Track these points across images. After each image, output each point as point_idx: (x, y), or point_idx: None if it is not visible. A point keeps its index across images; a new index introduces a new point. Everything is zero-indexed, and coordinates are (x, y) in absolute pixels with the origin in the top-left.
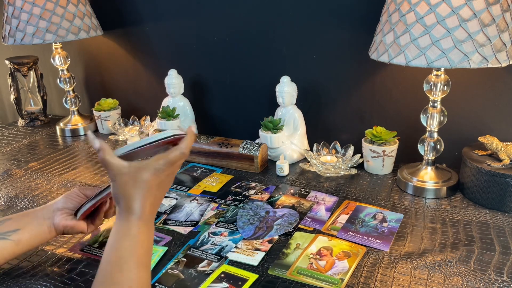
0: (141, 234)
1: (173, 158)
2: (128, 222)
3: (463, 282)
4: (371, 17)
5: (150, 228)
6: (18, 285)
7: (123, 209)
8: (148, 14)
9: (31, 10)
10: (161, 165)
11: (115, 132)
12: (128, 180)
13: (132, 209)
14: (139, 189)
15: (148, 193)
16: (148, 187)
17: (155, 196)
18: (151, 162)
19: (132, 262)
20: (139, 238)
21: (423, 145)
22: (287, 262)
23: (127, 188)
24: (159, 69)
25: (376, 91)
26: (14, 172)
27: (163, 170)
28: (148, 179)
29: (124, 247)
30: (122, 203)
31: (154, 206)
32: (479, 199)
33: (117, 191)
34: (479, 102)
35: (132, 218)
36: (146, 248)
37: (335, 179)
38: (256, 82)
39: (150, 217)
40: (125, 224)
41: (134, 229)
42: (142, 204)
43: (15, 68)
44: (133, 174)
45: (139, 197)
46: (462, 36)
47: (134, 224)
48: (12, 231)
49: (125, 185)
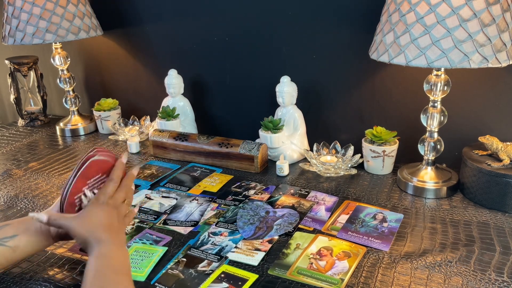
0: (114, 254)
1: (109, 190)
2: (99, 249)
3: (463, 282)
4: (371, 17)
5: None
6: (18, 285)
7: (91, 245)
8: (148, 14)
9: (31, 10)
10: (103, 200)
11: (115, 132)
12: (84, 221)
13: (99, 239)
14: (97, 223)
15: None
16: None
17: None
18: (94, 203)
19: (110, 272)
20: (113, 256)
21: (423, 145)
22: (287, 262)
23: (87, 228)
24: (159, 69)
25: (376, 91)
26: (14, 172)
27: (107, 204)
28: (99, 213)
29: (99, 264)
30: (89, 241)
31: (118, 233)
32: (479, 199)
33: (80, 236)
34: (479, 102)
35: (103, 245)
36: (121, 262)
37: (335, 179)
38: (256, 82)
39: (119, 243)
40: (97, 251)
41: (106, 251)
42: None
43: (15, 68)
44: (85, 216)
45: (100, 229)
46: (462, 36)
47: (105, 247)
48: (9, 237)
49: (84, 228)
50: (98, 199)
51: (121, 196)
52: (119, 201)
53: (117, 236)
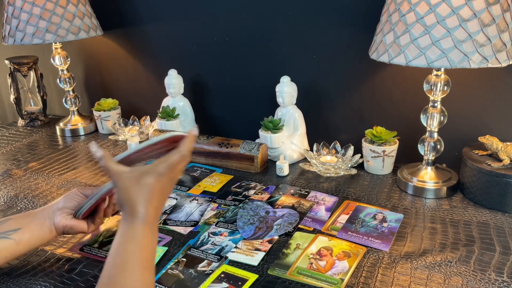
0: (146, 238)
1: (173, 161)
2: (133, 226)
3: (463, 282)
4: (371, 17)
5: (154, 232)
6: (18, 285)
7: (127, 214)
8: (148, 14)
9: (31, 10)
10: (163, 168)
11: (115, 132)
12: (131, 184)
13: (136, 213)
14: (142, 193)
15: (152, 197)
16: (151, 191)
17: (158, 200)
18: (153, 166)
19: (136, 265)
20: (144, 242)
21: (423, 145)
22: (287, 262)
23: (131, 193)
24: (159, 69)
25: (376, 91)
26: (14, 172)
27: (164, 174)
28: (150, 183)
29: (128, 251)
30: (126, 207)
31: (158, 210)
32: (479, 199)
33: (120, 196)
34: (479, 102)
35: (137, 222)
36: (150, 251)
37: (335, 179)
38: (256, 82)
39: (154, 221)
40: (130, 228)
41: (138, 233)
42: (146, 208)
43: (15, 68)
44: (135, 179)
45: (142, 201)
46: (462, 36)
47: (139, 228)
48: (13, 231)
49: (128, 190)
50: (158, 166)
51: (180, 170)
52: (177, 175)
53: (156, 214)
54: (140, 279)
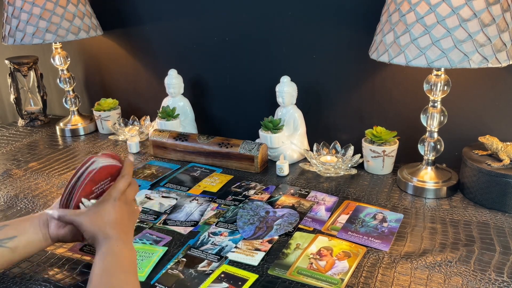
0: (123, 250)
1: (120, 185)
2: (108, 246)
3: (463, 282)
4: (371, 17)
5: (130, 246)
6: (18, 285)
7: (100, 242)
8: (148, 14)
9: (31, 10)
10: (115, 196)
11: (115, 132)
12: (94, 218)
13: (108, 236)
14: (107, 220)
15: (116, 219)
16: (114, 215)
17: (123, 222)
18: (105, 198)
19: (118, 271)
20: (122, 253)
21: (423, 145)
22: (287, 262)
23: (96, 225)
24: (159, 69)
25: (376, 91)
26: (14, 172)
27: (118, 198)
28: (110, 209)
29: (108, 262)
30: (98, 237)
31: (127, 231)
32: (479, 199)
33: (89, 232)
34: (479, 102)
35: (111, 242)
36: (129, 259)
37: (335, 179)
38: (256, 82)
39: (127, 239)
40: (106, 248)
41: (114, 248)
42: (115, 229)
43: (15, 68)
44: (95, 213)
45: (109, 226)
46: (462, 36)
47: (114, 244)
48: (9, 239)
49: (93, 224)
50: (110, 194)
51: (132, 193)
52: (130, 197)
53: (126, 233)
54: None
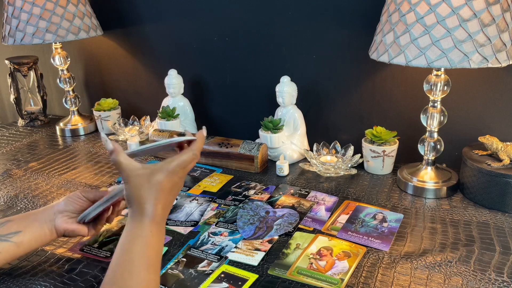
0: (153, 237)
1: (185, 160)
2: (141, 224)
3: (463, 282)
4: (371, 17)
5: (162, 231)
6: (18, 285)
7: (135, 211)
8: (148, 14)
9: (31, 10)
10: (174, 167)
11: (115, 132)
12: (142, 182)
13: (144, 211)
14: (152, 191)
15: (161, 195)
16: (161, 189)
17: (167, 198)
18: (164, 165)
19: (142, 264)
20: (151, 240)
21: (423, 145)
22: (287, 262)
23: (141, 190)
24: (159, 69)
25: (376, 91)
26: (14, 172)
27: (176, 172)
28: (161, 181)
29: (135, 249)
30: (134, 205)
31: (166, 209)
32: (479, 199)
33: (130, 193)
34: (479, 102)
35: (145, 220)
36: (156, 250)
37: (335, 179)
38: (256, 82)
39: (162, 220)
40: (137, 226)
41: (146, 231)
42: (155, 207)
43: (15, 68)
44: (146, 176)
45: (152, 199)
46: (462, 36)
47: (146, 226)
48: (13, 233)
49: (138, 187)
50: (169, 165)
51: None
52: (186, 173)
53: (164, 211)
54: (145, 278)
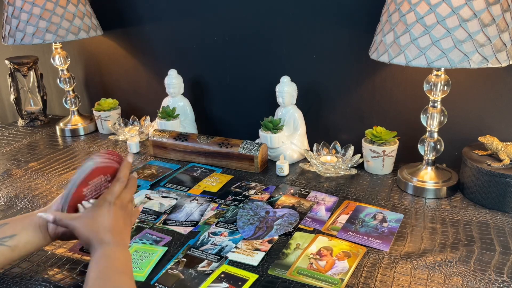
0: (117, 255)
1: (115, 189)
2: (102, 250)
3: (463, 282)
4: (371, 17)
5: (125, 251)
6: (18, 285)
7: (94, 246)
8: (148, 14)
9: (31, 10)
10: (109, 198)
11: (115, 132)
12: (89, 223)
13: (102, 241)
14: (101, 225)
15: (111, 223)
16: (108, 219)
17: (118, 226)
18: (100, 201)
19: (113, 273)
20: (116, 257)
21: (423, 145)
22: (287, 262)
23: (92, 230)
24: (159, 69)
25: (376, 91)
26: (14, 172)
27: (113, 202)
28: (104, 213)
29: (102, 265)
30: (92, 242)
31: (123, 234)
32: (479, 199)
33: (84, 237)
34: (479, 102)
35: (105, 246)
36: (124, 263)
37: (335, 179)
38: (256, 82)
39: (122, 243)
40: (99, 252)
41: (109, 252)
42: (111, 234)
43: (15, 68)
44: (91, 217)
45: (104, 230)
46: (462, 36)
47: (108, 249)
48: (8, 237)
49: (88, 229)
50: (104, 199)
51: (128, 196)
52: (126, 200)
53: (121, 237)
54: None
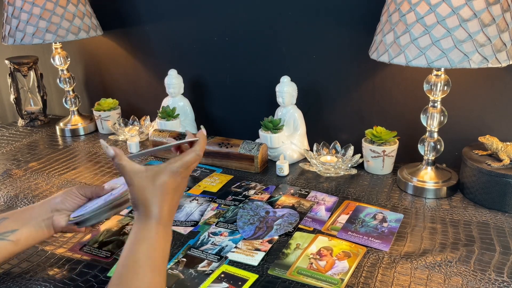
0: (159, 238)
1: (188, 160)
2: (147, 226)
3: (463, 282)
4: (371, 17)
5: (168, 233)
6: (18, 285)
7: (141, 213)
8: (148, 14)
9: (31, 10)
10: (178, 167)
11: (115, 132)
12: (146, 184)
13: (150, 213)
14: (157, 193)
15: (166, 197)
16: (166, 191)
17: (172, 199)
18: (168, 166)
19: (147, 266)
20: (157, 242)
21: (423, 145)
22: (287, 262)
23: (145, 193)
24: (159, 69)
25: (376, 91)
26: (14, 172)
27: (180, 173)
28: (165, 182)
29: (140, 251)
30: (140, 207)
31: (172, 210)
32: (479, 199)
33: (135, 195)
34: (479, 102)
35: (151, 222)
36: (162, 252)
37: (335, 179)
38: (256, 82)
39: (168, 221)
40: (143, 228)
41: (152, 233)
42: (161, 208)
43: (15, 68)
44: (151, 178)
45: (157, 201)
46: (462, 36)
47: (153, 228)
48: (10, 232)
49: (143, 190)
50: (172, 165)
51: (193, 168)
52: (189, 173)
53: (170, 213)
54: (150, 281)
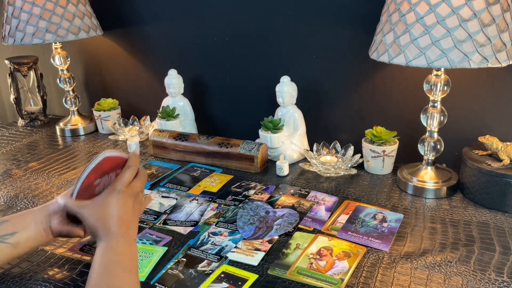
0: (123, 249)
1: (126, 177)
2: (108, 242)
3: (463, 282)
4: (371, 17)
5: (131, 243)
6: (18, 285)
7: (101, 237)
8: (148, 14)
9: (31, 10)
10: (119, 186)
11: (115, 132)
12: (97, 212)
13: (109, 232)
14: (110, 215)
15: (119, 214)
16: (118, 209)
17: (127, 216)
18: (109, 189)
19: (118, 269)
20: (122, 251)
21: (423, 145)
22: (287, 262)
23: (99, 219)
24: (159, 69)
25: (376, 91)
26: (14, 172)
27: (122, 191)
28: (113, 202)
29: (108, 259)
30: (99, 232)
31: (130, 225)
32: (479, 199)
33: (91, 225)
34: (479, 102)
35: (111, 238)
36: (130, 257)
37: (335, 179)
38: (256, 82)
39: (129, 235)
40: (106, 244)
41: (115, 245)
42: (117, 225)
43: (15, 68)
44: (99, 206)
45: (112, 221)
46: (462, 36)
47: (114, 241)
48: (10, 234)
49: (96, 217)
50: (114, 187)
51: (138, 185)
52: (136, 189)
53: (129, 229)
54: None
